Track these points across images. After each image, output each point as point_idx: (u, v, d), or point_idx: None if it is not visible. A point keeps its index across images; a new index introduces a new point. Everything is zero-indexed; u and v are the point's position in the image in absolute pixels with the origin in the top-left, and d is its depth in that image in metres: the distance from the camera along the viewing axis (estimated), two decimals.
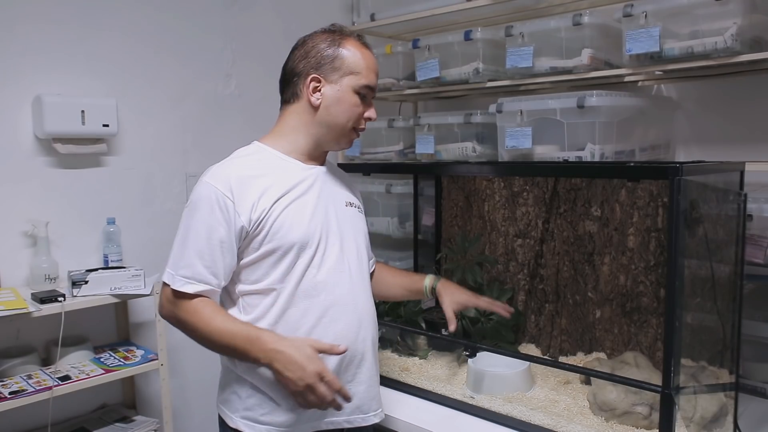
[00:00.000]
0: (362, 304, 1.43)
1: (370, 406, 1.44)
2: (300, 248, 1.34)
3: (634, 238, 1.77)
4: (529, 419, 1.58)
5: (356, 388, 1.40)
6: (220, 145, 2.06)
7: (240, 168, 1.35)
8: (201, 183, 1.34)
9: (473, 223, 2.18)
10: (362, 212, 1.56)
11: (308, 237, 1.35)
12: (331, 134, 1.42)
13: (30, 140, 2.03)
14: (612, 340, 1.84)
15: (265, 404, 1.36)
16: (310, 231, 1.35)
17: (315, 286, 1.35)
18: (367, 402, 1.43)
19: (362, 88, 1.40)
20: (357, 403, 1.41)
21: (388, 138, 2.49)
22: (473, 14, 2.29)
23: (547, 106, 1.86)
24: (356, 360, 1.40)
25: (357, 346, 1.40)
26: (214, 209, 1.30)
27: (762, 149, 1.88)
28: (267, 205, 1.32)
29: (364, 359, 1.42)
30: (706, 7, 1.62)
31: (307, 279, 1.35)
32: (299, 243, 1.34)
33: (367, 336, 1.43)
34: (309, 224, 1.36)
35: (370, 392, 1.44)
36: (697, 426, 1.44)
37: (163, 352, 2.05)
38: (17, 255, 2.01)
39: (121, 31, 2.21)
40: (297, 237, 1.33)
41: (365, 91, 1.41)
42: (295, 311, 1.34)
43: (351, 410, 1.40)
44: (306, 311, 1.35)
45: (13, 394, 1.76)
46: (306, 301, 1.35)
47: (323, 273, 1.36)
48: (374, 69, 1.42)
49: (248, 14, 2.53)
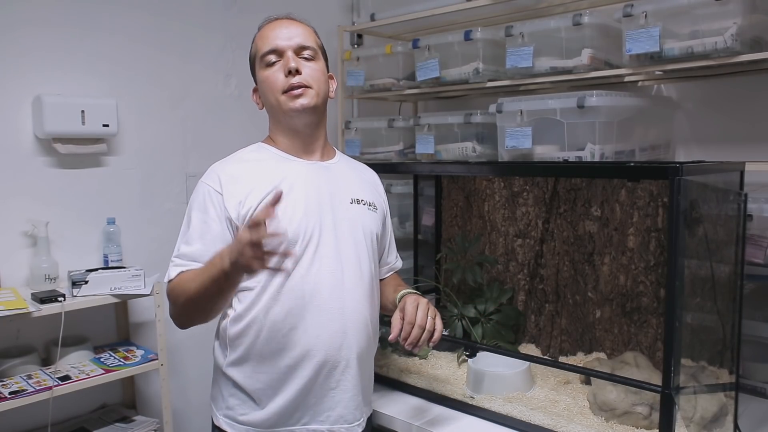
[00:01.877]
0: (351, 310, 1.37)
1: (354, 415, 1.40)
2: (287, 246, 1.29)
3: (634, 238, 1.77)
4: (529, 419, 1.58)
5: (340, 396, 1.37)
6: (220, 145, 2.06)
7: (233, 165, 1.38)
8: (198, 183, 1.38)
9: (473, 223, 2.18)
10: (376, 210, 1.48)
11: (297, 235, 1.32)
12: (276, 114, 1.40)
13: (30, 140, 2.03)
14: (612, 340, 1.84)
15: (245, 404, 1.36)
16: (300, 229, 1.32)
17: (302, 287, 1.32)
18: (351, 411, 1.39)
19: (264, 59, 1.38)
20: (341, 412, 1.37)
21: (388, 138, 2.49)
22: (473, 14, 2.30)
23: (547, 106, 1.86)
24: (340, 367, 1.36)
25: (341, 353, 1.35)
26: (206, 205, 1.33)
27: (762, 149, 1.88)
28: (254, 202, 1.31)
29: (349, 367, 1.37)
30: (706, 7, 1.62)
31: (294, 278, 1.31)
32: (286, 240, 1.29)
33: (353, 344, 1.37)
34: (299, 222, 1.33)
35: (355, 401, 1.39)
36: (697, 426, 1.44)
37: (163, 352, 2.05)
38: (17, 255, 2.01)
39: (121, 32, 2.21)
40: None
41: (270, 57, 1.37)
42: (279, 310, 1.32)
43: (334, 419, 1.37)
44: (289, 311, 1.32)
45: (13, 394, 1.76)
46: (291, 301, 1.32)
47: (312, 274, 1.33)
48: (270, 34, 1.39)
49: (248, 14, 2.53)
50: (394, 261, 1.63)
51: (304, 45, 1.39)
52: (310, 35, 1.43)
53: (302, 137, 1.41)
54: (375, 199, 1.50)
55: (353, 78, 2.52)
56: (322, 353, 1.33)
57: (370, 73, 2.50)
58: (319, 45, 1.44)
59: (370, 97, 2.60)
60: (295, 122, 1.39)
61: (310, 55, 1.39)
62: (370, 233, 1.44)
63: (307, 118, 1.39)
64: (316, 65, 1.40)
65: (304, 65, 1.37)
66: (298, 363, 1.33)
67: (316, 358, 1.33)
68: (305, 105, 1.36)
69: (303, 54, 1.38)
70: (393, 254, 1.63)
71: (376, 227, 1.47)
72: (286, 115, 1.38)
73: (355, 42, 2.79)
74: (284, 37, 1.38)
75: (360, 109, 2.98)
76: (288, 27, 1.40)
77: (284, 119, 1.39)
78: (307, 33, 1.42)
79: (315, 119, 1.41)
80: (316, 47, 1.41)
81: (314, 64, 1.39)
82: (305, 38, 1.40)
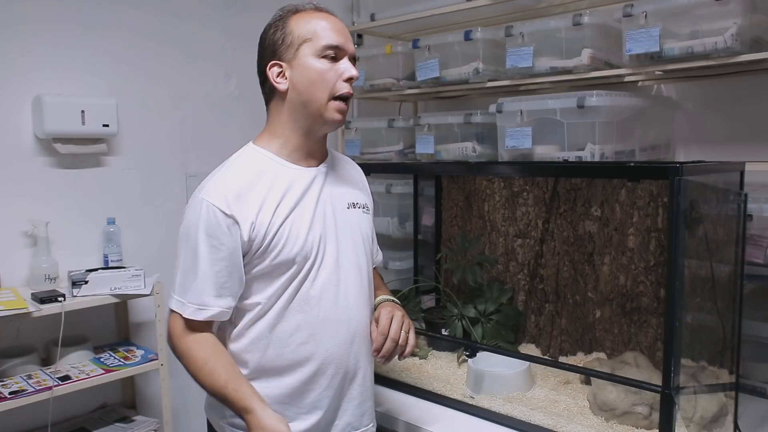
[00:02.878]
0: (357, 319, 1.35)
1: (361, 422, 1.39)
2: (297, 264, 1.27)
3: (634, 238, 1.77)
4: (529, 419, 1.58)
5: (347, 404, 1.36)
6: (220, 145, 2.06)
7: (235, 181, 1.26)
8: (197, 201, 1.25)
9: (473, 223, 2.18)
10: (369, 212, 1.46)
11: (307, 251, 1.28)
12: (311, 113, 1.28)
13: (30, 140, 2.03)
14: (612, 340, 1.84)
15: None
16: (308, 244, 1.28)
17: (308, 301, 1.29)
18: (357, 418, 1.38)
19: (323, 50, 1.26)
20: (348, 419, 1.36)
21: (388, 138, 2.49)
22: (473, 14, 2.29)
23: (547, 106, 1.86)
24: (348, 377, 1.35)
25: (349, 362, 1.34)
26: (216, 230, 1.22)
27: (762, 149, 1.88)
28: (265, 220, 1.24)
29: (356, 375, 1.36)
30: (706, 7, 1.62)
31: (301, 293, 1.28)
32: (297, 259, 1.27)
33: (361, 351, 1.36)
34: (307, 236, 1.28)
35: (362, 408, 1.39)
36: (697, 426, 1.44)
37: (163, 352, 2.05)
38: (17, 255, 2.01)
39: (121, 31, 2.21)
40: (295, 252, 1.26)
41: (330, 52, 1.27)
42: (287, 326, 1.28)
43: (342, 427, 1.36)
44: (298, 327, 1.28)
45: (13, 394, 1.76)
46: (298, 315, 1.28)
47: (317, 287, 1.29)
48: (332, 27, 1.29)
49: (248, 14, 2.53)
50: (376, 254, 1.57)
51: (355, 56, 1.33)
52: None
53: (313, 142, 1.34)
54: (366, 199, 1.48)
55: None
56: (334, 366, 1.32)
57: (370, 73, 2.50)
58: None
59: (370, 97, 2.60)
60: (323, 130, 1.33)
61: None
62: (367, 237, 1.43)
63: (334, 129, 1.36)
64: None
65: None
66: (312, 378, 1.31)
67: (329, 371, 1.31)
68: (344, 121, 1.32)
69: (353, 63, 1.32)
70: (375, 246, 1.57)
71: (370, 230, 1.46)
72: (325, 120, 1.29)
73: (355, 42, 2.79)
74: (346, 38, 1.30)
75: (360, 109, 2.98)
76: (345, 28, 1.33)
77: (313, 122, 1.30)
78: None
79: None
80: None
81: None
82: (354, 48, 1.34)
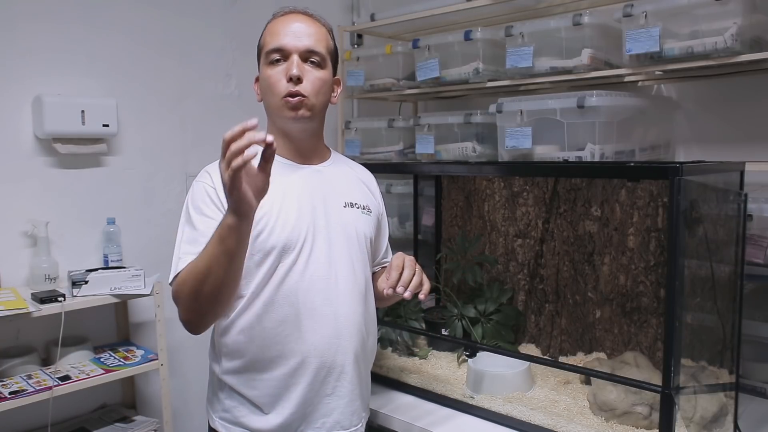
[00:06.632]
0: (345, 315, 1.34)
1: (351, 421, 1.38)
2: (281, 252, 1.28)
3: (634, 238, 1.77)
4: (529, 419, 1.58)
5: (336, 402, 1.35)
6: (220, 145, 2.06)
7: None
8: (192, 184, 1.35)
9: (473, 223, 2.18)
10: (370, 213, 1.46)
11: (291, 241, 1.29)
12: (274, 116, 1.35)
13: (30, 140, 2.03)
14: (612, 340, 1.84)
15: (243, 406, 1.34)
16: (293, 235, 1.29)
17: (295, 293, 1.29)
18: (347, 417, 1.37)
19: (269, 56, 1.32)
20: (337, 418, 1.35)
21: (388, 138, 2.49)
22: (473, 14, 2.29)
23: (547, 106, 1.86)
24: (335, 372, 1.34)
25: (336, 358, 1.33)
26: (205, 200, 1.29)
27: (762, 149, 1.88)
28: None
29: (344, 372, 1.35)
30: (706, 7, 1.62)
31: (287, 285, 1.29)
32: (280, 247, 1.28)
33: (349, 348, 1.35)
34: (293, 228, 1.30)
35: (352, 406, 1.38)
36: (697, 426, 1.44)
37: (163, 352, 2.05)
38: (17, 255, 2.01)
39: (121, 31, 2.21)
40: (278, 240, 1.28)
41: (275, 56, 1.31)
42: (273, 318, 1.29)
43: (330, 425, 1.35)
44: (284, 319, 1.29)
45: (13, 394, 1.76)
46: (284, 308, 1.29)
47: (306, 280, 1.30)
48: (280, 30, 1.31)
49: (248, 14, 2.53)
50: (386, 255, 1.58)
51: (312, 49, 1.32)
52: (322, 37, 1.35)
53: (296, 141, 1.38)
54: (369, 201, 1.47)
55: (353, 78, 2.52)
56: (318, 360, 1.32)
57: (370, 73, 2.50)
58: (330, 49, 1.38)
59: (370, 97, 2.60)
60: (289, 127, 1.36)
61: (317, 61, 1.33)
62: (363, 237, 1.42)
63: (301, 126, 1.36)
64: (320, 74, 1.33)
65: (308, 73, 1.32)
66: (296, 371, 1.31)
67: (312, 365, 1.31)
68: (301, 116, 1.32)
69: (310, 59, 1.32)
70: (389, 255, 1.59)
71: (369, 231, 1.45)
72: (281, 119, 1.34)
73: (355, 42, 2.79)
74: (294, 36, 1.31)
75: (360, 109, 2.98)
76: (300, 24, 1.33)
77: (279, 122, 1.36)
78: (320, 35, 1.35)
79: (310, 127, 1.38)
80: (325, 53, 1.34)
81: (319, 73, 1.33)
82: (316, 41, 1.33)
